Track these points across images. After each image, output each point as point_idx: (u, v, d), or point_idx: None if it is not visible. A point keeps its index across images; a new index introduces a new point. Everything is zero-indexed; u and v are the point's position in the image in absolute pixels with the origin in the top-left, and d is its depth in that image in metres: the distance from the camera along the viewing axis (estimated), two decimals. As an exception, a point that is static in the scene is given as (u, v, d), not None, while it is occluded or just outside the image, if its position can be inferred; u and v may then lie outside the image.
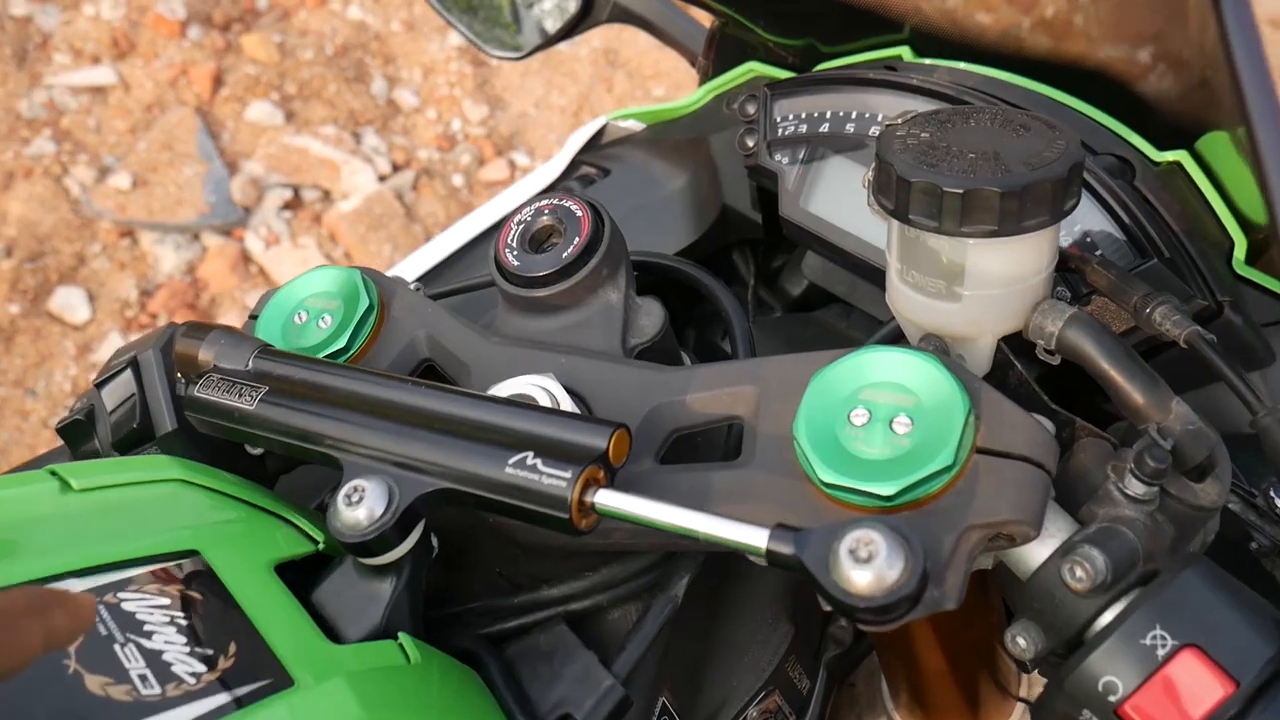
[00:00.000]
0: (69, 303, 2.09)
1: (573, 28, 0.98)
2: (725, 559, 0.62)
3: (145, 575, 0.46)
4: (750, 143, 0.74)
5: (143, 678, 0.42)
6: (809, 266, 0.81)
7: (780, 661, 0.64)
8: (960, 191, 0.46)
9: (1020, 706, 0.75)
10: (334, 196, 2.35)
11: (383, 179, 2.40)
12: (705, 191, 0.84)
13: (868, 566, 0.39)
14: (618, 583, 0.55)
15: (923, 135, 0.49)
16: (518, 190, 0.96)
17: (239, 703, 0.41)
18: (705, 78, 0.91)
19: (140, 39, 2.58)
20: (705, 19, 0.94)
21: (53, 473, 0.49)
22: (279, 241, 2.24)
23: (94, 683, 0.40)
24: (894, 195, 0.48)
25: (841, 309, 0.81)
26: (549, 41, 1.01)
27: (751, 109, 0.74)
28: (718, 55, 0.88)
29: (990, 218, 0.46)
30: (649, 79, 2.77)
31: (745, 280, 0.90)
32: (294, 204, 2.32)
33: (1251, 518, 0.54)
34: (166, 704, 0.40)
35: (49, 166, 2.30)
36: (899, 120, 0.51)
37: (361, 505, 0.47)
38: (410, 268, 0.86)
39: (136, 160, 2.33)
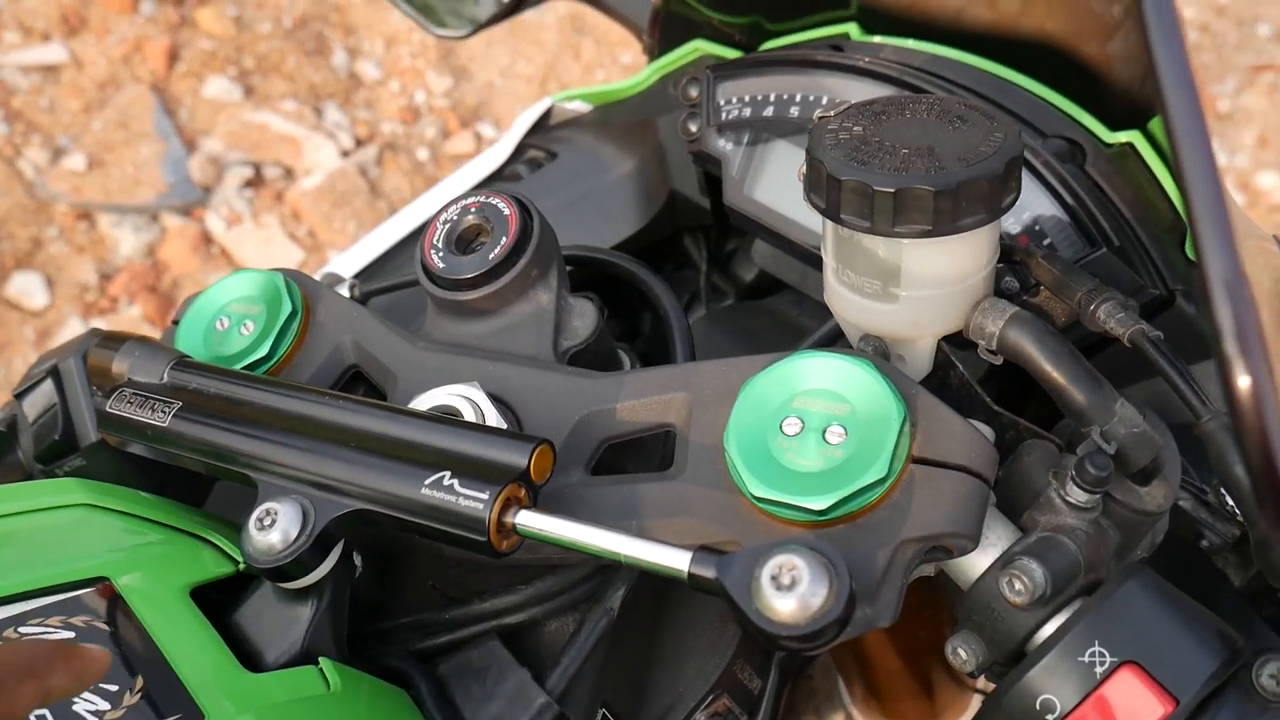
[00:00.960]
0: (26, 288, 2.05)
1: (518, 4, 0.95)
2: None
3: (48, 606, 0.44)
4: (693, 127, 0.71)
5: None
6: (759, 254, 0.79)
7: (728, 664, 0.63)
8: (891, 191, 0.44)
9: (978, 698, 0.74)
10: (296, 173, 2.30)
11: (346, 154, 2.36)
12: (653, 176, 0.82)
13: (790, 593, 0.37)
14: (552, 596, 0.53)
15: (855, 129, 0.47)
16: (465, 175, 0.93)
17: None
18: (652, 56, 0.89)
19: (91, 15, 2.51)
20: (653, -6, 0.91)
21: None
22: (241, 221, 2.20)
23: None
24: (825, 194, 0.46)
25: (794, 296, 0.80)
26: (493, 19, 0.98)
27: (694, 92, 0.71)
28: (663, 33, 0.86)
29: (924, 217, 0.44)
30: (617, 45, 2.73)
31: (698, 266, 0.88)
32: (255, 182, 2.28)
33: (1202, 515, 0.53)
34: (59, 753, 0.38)
35: (1, 148, 2.24)
36: (831, 113, 0.49)
37: (275, 529, 0.45)
38: (350, 261, 0.83)
39: (92, 140, 2.28)
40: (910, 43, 0.68)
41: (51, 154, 2.26)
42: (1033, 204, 0.59)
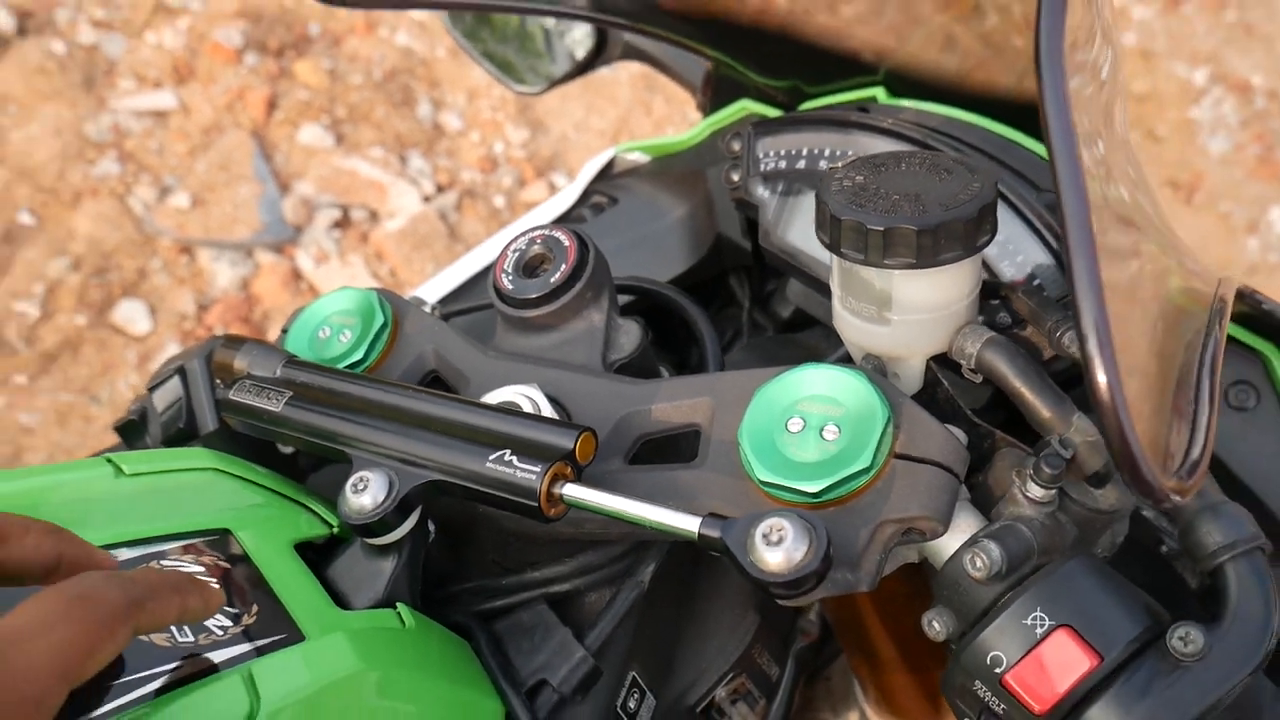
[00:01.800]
0: (131, 315, 2.22)
1: (588, 65, 1.06)
2: (697, 553, 0.69)
3: (184, 547, 0.55)
4: (735, 177, 0.81)
5: (179, 628, 0.50)
6: (792, 292, 0.88)
7: (747, 648, 0.71)
8: (881, 229, 0.53)
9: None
10: (381, 216, 2.46)
11: (427, 200, 2.51)
12: (702, 221, 0.91)
13: (778, 548, 0.46)
14: (592, 569, 0.62)
15: (857, 179, 0.56)
16: (535, 216, 1.04)
17: (258, 651, 0.49)
18: (705, 113, 0.99)
19: (199, 65, 2.71)
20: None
21: (108, 460, 0.57)
22: (328, 259, 2.35)
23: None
24: (829, 231, 0.55)
25: (824, 330, 0.88)
26: (565, 78, 1.09)
27: (737, 146, 0.81)
28: (715, 93, 0.96)
29: (909, 252, 0.53)
30: (686, 103, 2.86)
31: (742, 303, 0.98)
32: (343, 223, 2.43)
33: (1163, 524, 0.60)
34: (198, 649, 0.48)
35: (114, 186, 2.43)
36: (840, 165, 0.58)
37: (366, 493, 0.55)
38: (434, 288, 0.94)
39: (195, 181, 2.46)
40: (928, 105, 0.77)
41: (159, 192, 2.44)
42: (1024, 249, 0.67)
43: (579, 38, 1.22)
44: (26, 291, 2.23)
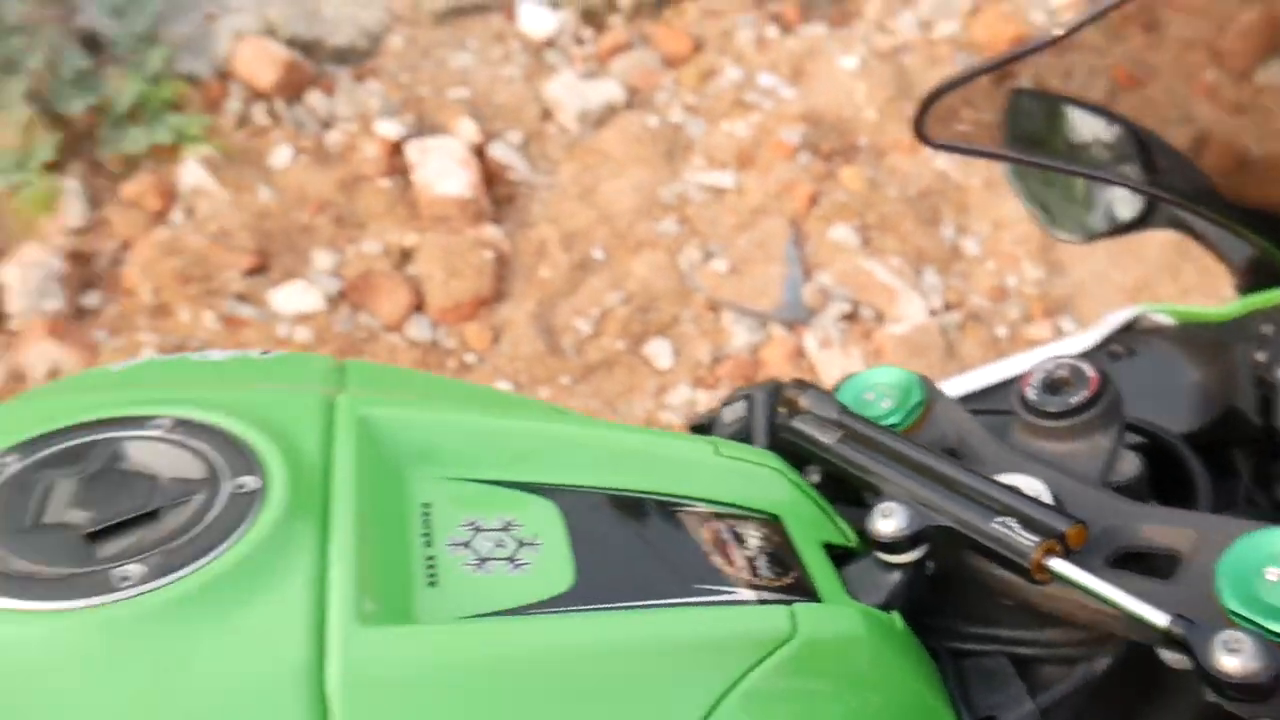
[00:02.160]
0: (658, 351, 2.61)
1: (1129, 228, 1.16)
2: (1148, 677, 0.77)
3: (750, 518, 0.74)
4: (1261, 358, 0.88)
5: (741, 568, 0.69)
6: (1296, 476, 0.92)
7: (1171, 774, 0.77)
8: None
9: None
10: (886, 319, 2.66)
11: (933, 314, 2.67)
12: (1215, 389, 0.98)
13: (1236, 655, 0.56)
14: (1056, 644, 0.73)
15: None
16: (1050, 349, 1.16)
17: (789, 600, 0.67)
18: (1241, 293, 1.05)
19: (760, 156, 3.10)
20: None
21: (710, 441, 0.79)
22: (831, 346, 2.59)
23: (716, 560, 0.67)
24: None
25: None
26: (1105, 234, 1.19)
27: (1269, 330, 0.88)
28: (1255, 275, 1.02)
29: None
30: (1219, 276, 2.75)
31: (1240, 475, 1.02)
32: (851, 317, 2.67)
33: None
34: (753, 586, 0.67)
35: (669, 243, 2.86)
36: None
37: (892, 519, 0.71)
38: (955, 386, 1.09)
39: (735, 252, 2.83)
40: None
41: (703, 255, 2.83)
42: None
43: (1122, 196, 1.32)
44: (585, 312, 2.70)
